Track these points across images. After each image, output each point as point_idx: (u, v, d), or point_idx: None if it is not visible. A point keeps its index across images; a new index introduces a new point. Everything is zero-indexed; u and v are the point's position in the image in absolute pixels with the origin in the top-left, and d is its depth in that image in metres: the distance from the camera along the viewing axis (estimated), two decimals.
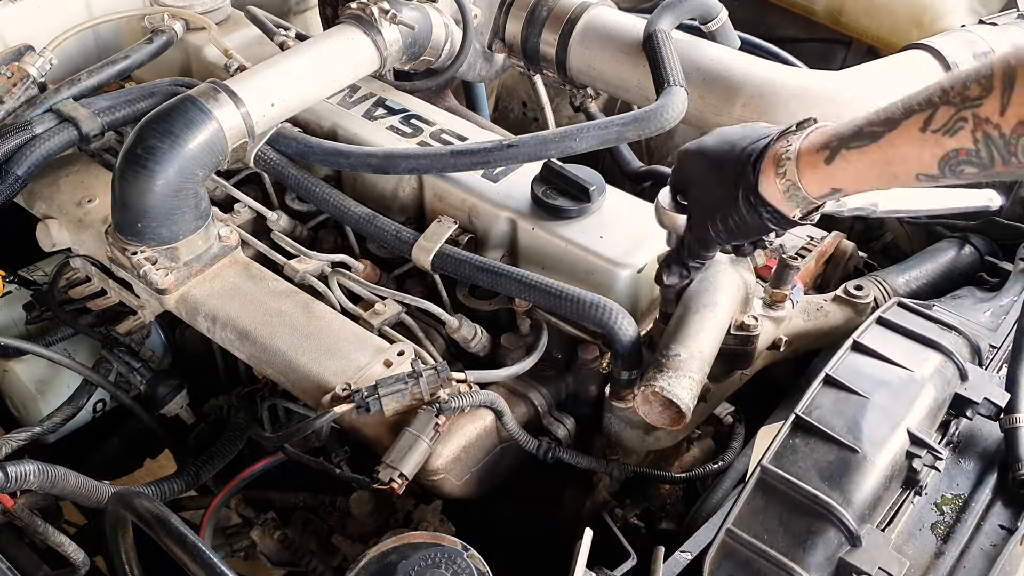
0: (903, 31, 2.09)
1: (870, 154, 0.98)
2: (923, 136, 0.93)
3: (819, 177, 1.03)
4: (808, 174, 1.03)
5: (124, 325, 1.64)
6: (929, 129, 0.92)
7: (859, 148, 0.98)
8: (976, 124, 0.88)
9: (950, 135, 0.91)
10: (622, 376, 1.35)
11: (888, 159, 0.97)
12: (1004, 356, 1.38)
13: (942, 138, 0.91)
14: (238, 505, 1.58)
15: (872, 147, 0.97)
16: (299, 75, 1.57)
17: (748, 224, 1.11)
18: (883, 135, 0.96)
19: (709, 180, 1.14)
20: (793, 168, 1.04)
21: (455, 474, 1.33)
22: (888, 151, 0.96)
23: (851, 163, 1.00)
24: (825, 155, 1.01)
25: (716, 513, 1.28)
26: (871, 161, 0.98)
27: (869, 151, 0.98)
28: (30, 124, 1.62)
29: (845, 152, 1.00)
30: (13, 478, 1.25)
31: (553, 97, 2.27)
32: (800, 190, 1.05)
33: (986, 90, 0.87)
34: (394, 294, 1.49)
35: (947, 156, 0.92)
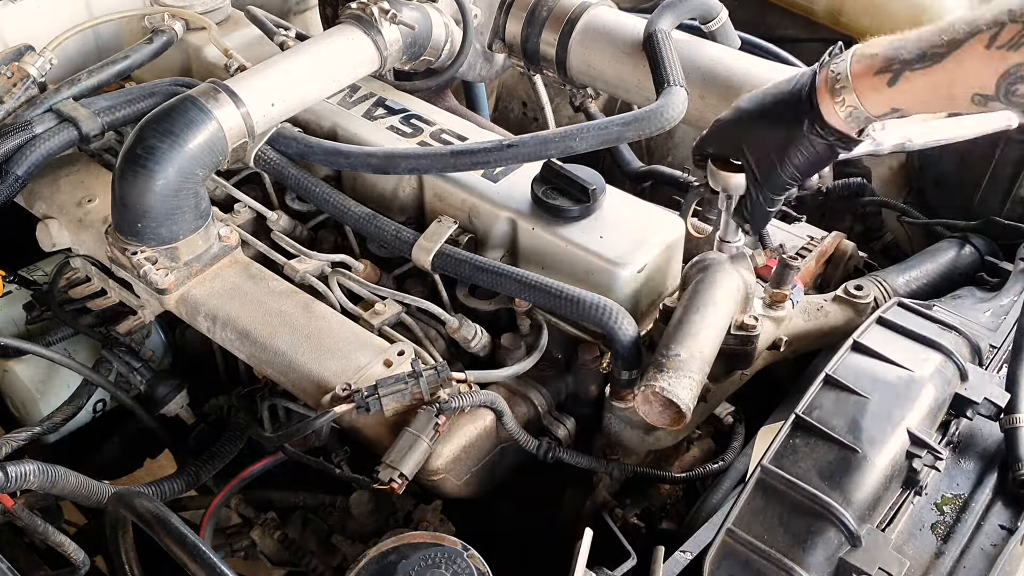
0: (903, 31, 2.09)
1: (934, 75, 1.02)
2: (988, 52, 0.97)
3: (882, 99, 1.08)
4: (870, 96, 1.08)
5: (124, 325, 1.64)
6: (995, 45, 0.96)
7: (923, 69, 1.03)
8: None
9: (1014, 50, 0.94)
10: (622, 376, 1.35)
11: (952, 78, 1.01)
12: (1004, 356, 1.38)
13: (1007, 53, 0.95)
14: (238, 505, 1.58)
15: (936, 67, 1.01)
16: (299, 75, 1.57)
17: (820, 154, 1.16)
18: (948, 55, 1.00)
19: (766, 130, 1.18)
20: (852, 93, 1.09)
21: (455, 474, 1.33)
22: (952, 69, 1.00)
23: (914, 84, 1.04)
24: (887, 78, 1.06)
25: (716, 513, 1.28)
26: (935, 82, 1.02)
27: (933, 71, 1.02)
28: (30, 124, 1.62)
29: (909, 74, 1.04)
30: (13, 478, 1.25)
31: (553, 97, 2.27)
32: (863, 112, 1.09)
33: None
34: (394, 294, 1.49)
35: (1007, 72, 0.96)
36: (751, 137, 1.21)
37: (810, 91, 1.13)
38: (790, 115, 1.15)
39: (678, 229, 1.48)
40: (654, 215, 1.51)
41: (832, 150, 1.16)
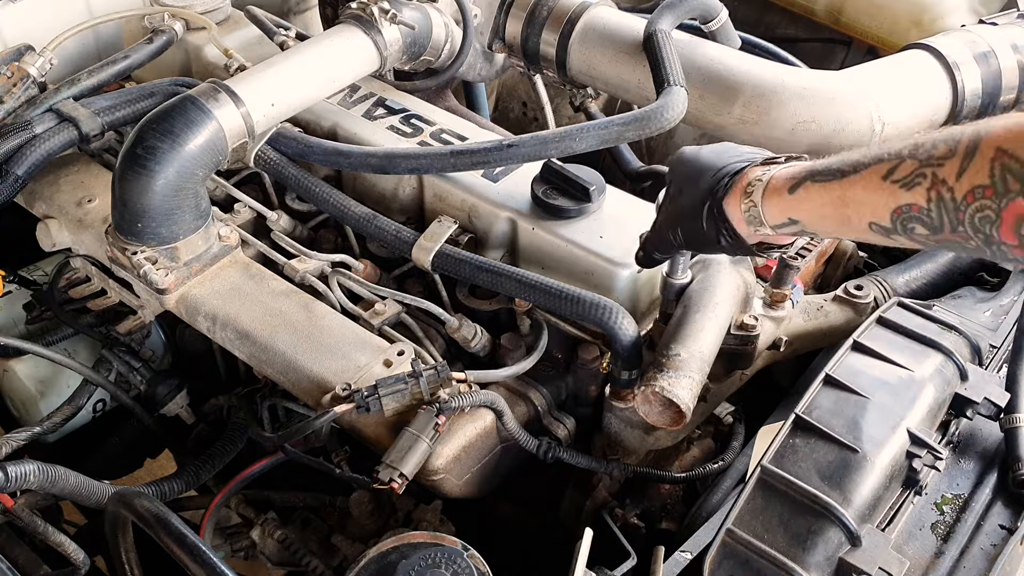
0: (903, 31, 2.09)
1: (830, 190, 0.99)
2: (882, 184, 0.94)
3: (780, 205, 1.05)
4: (771, 200, 1.06)
5: (124, 325, 1.64)
6: (890, 179, 0.93)
7: (822, 182, 1.00)
8: (933, 183, 0.89)
9: (907, 188, 0.91)
10: (622, 376, 1.35)
11: (845, 199, 0.98)
12: (1004, 356, 1.38)
13: (899, 190, 0.92)
14: (238, 505, 1.58)
15: (834, 183, 0.98)
16: (299, 75, 1.57)
17: (703, 237, 1.14)
18: (848, 174, 0.97)
19: (685, 185, 1.17)
20: (760, 193, 1.06)
21: (455, 474, 1.33)
22: (847, 190, 0.97)
23: (811, 195, 1.01)
24: (791, 184, 1.03)
25: (716, 513, 1.28)
26: (829, 198, 0.99)
27: (830, 187, 0.99)
28: (30, 124, 1.61)
29: (809, 183, 1.01)
30: (13, 478, 1.25)
31: (553, 97, 2.27)
32: (760, 214, 1.07)
33: (950, 152, 0.88)
34: (394, 294, 1.49)
35: (900, 209, 0.93)
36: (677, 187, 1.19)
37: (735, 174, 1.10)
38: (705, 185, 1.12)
39: None
40: (654, 215, 1.50)
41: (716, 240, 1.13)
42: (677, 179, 1.20)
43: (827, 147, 1.59)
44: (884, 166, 0.93)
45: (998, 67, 1.62)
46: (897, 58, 1.67)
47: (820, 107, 1.56)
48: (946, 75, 1.61)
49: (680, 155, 1.21)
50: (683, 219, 1.16)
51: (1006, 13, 1.80)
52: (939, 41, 1.66)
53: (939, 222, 0.90)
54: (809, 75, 1.64)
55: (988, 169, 0.84)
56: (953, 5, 2.06)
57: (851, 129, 1.56)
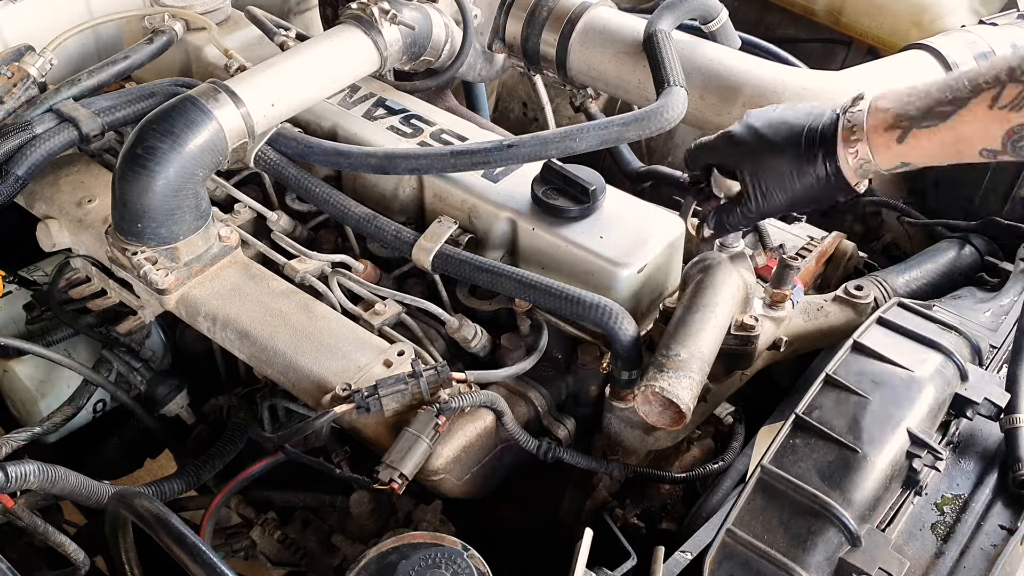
0: (903, 31, 2.09)
1: (940, 133, 1.04)
2: (991, 112, 0.98)
3: (892, 154, 1.10)
4: (881, 152, 1.10)
5: (124, 325, 1.64)
6: (997, 105, 0.98)
7: (929, 128, 1.04)
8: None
9: (1016, 110, 0.96)
10: (622, 376, 1.35)
11: (957, 136, 1.02)
12: (1004, 356, 1.38)
13: (1009, 113, 0.97)
14: (238, 505, 1.58)
15: (942, 127, 1.03)
16: (299, 75, 1.57)
17: (821, 198, 1.18)
18: (952, 113, 1.01)
19: (777, 159, 1.18)
20: (866, 147, 1.10)
21: (455, 474, 1.33)
22: (958, 128, 1.02)
23: (921, 141, 1.06)
24: (897, 134, 1.07)
25: (716, 513, 1.28)
26: (941, 140, 1.04)
27: (939, 131, 1.03)
28: (30, 124, 1.62)
29: (916, 131, 1.06)
30: (13, 478, 1.25)
31: (553, 97, 2.27)
32: (873, 164, 1.11)
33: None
34: (394, 294, 1.49)
35: (1012, 131, 0.98)
36: (759, 161, 1.21)
37: (832, 134, 1.13)
38: (804, 152, 1.15)
39: (678, 229, 1.48)
40: (654, 215, 1.51)
41: (834, 197, 1.17)
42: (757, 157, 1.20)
43: None
44: (987, 96, 0.98)
45: None
46: (897, 58, 1.67)
47: None
48: None
49: (736, 137, 1.22)
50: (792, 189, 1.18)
51: (1006, 13, 1.81)
52: (939, 41, 1.66)
53: None
54: (809, 75, 1.65)
55: None
56: (953, 5, 2.06)
57: None
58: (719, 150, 1.26)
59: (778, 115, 1.21)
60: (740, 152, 1.23)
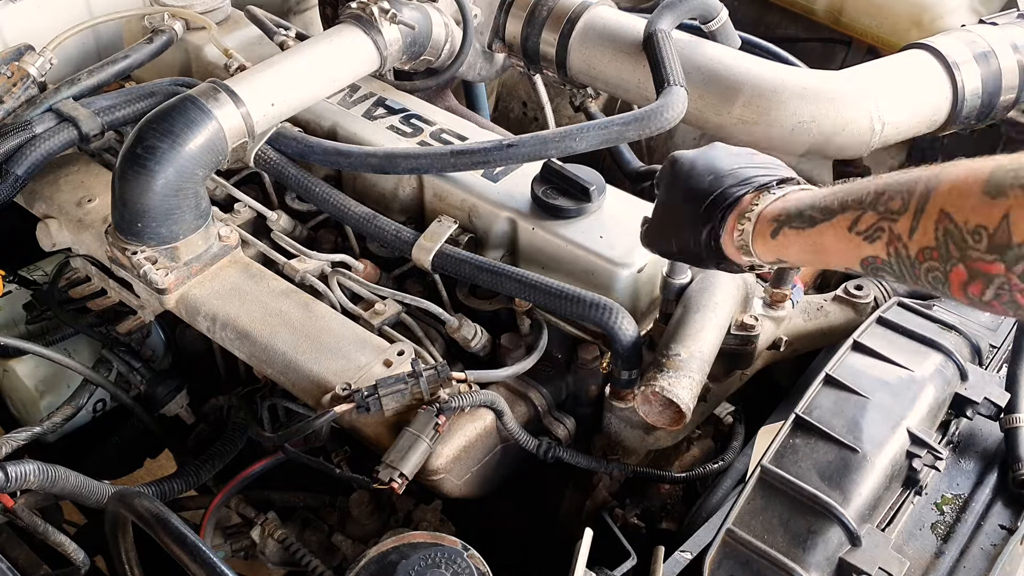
0: (903, 31, 2.09)
1: (804, 237, 1.00)
2: (848, 235, 0.94)
3: (766, 246, 1.06)
4: (759, 241, 1.06)
5: (124, 325, 1.64)
6: (854, 230, 0.93)
7: (797, 230, 1.01)
8: (890, 238, 0.89)
9: (869, 241, 0.91)
10: (622, 376, 1.35)
11: (818, 247, 0.98)
12: (1004, 356, 1.38)
13: (863, 242, 0.92)
14: (238, 505, 1.58)
15: (807, 231, 0.99)
16: (299, 75, 1.57)
17: (699, 260, 1.16)
18: (818, 222, 0.97)
19: (680, 205, 1.16)
20: (750, 230, 1.07)
21: (455, 474, 1.33)
22: (818, 239, 0.98)
23: (789, 241, 1.02)
24: (772, 228, 1.04)
25: (716, 513, 1.28)
26: (804, 244, 1.00)
27: (804, 235, 1.00)
28: (30, 124, 1.61)
29: (787, 230, 1.02)
30: (13, 478, 1.25)
31: (553, 97, 2.27)
32: (752, 251, 1.08)
33: (903, 207, 0.87)
34: (394, 294, 1.49)
35: (867, 260, 0.93)
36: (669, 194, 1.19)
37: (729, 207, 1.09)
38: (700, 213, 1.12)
39: None
40: None
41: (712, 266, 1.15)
42: (671, 191, 1.18)
43: (827, 147, 1.59)
44: (849, 216, 0.93)
45: (998, 67, 1.62)
46: (897, 58, 1.67)
47: (820, 107, 1.56)
48: (946, 75, 1.61)
49: (676, 165, 1.19)
50: (676, 238, 1.17)
51: (1006, 13, 1.80)
52: (939, 41, 1.66)
53: (900, 274, 0.90)
54: (809, 75, 1.64)
55: (933, 231, 0.84)
56: (953, 5, 2.05)
57: (851, 129, 1.56)
58: (662, 168, 1.24)
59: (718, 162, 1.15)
60: (664, 178, 1.21)
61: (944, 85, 1.61)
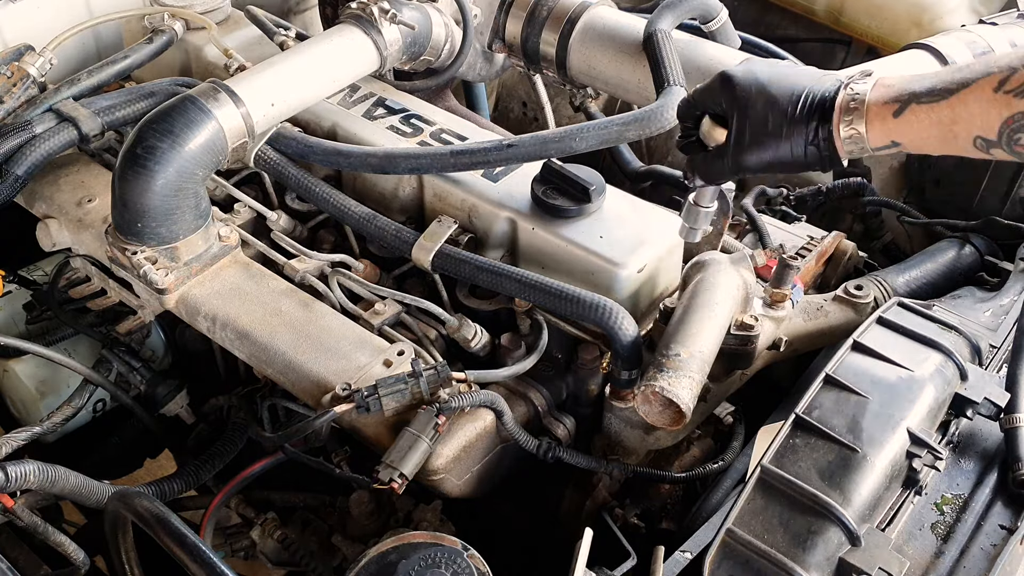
0: (903, 31, 2.09)
1: (939, 110, 1.00)
2: (995, 96, 0.96)
3: (885, 129, 1.05)
4: (876, 125, 1.06)
5: (124, 325, 1.64)
6: (1003, 89, 0.95)
7: (929, 104, 1.01)
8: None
9: (1021, 97, 0.94)
10: (622, 376, 1.35)
11: (955, 116, 0.99)
12: (1004, 356, 1.38)
13: (1013, 99, 0.95)
14: (238, 505, 1.58)
15: (943, 104, 1.00)
16: (299, 75, 1.57)
17: (805, 163, 1.13)
18: (956, 91, 0.99)
19: (770, 112, 1.13)
20: (862, 121, 1.06)
21: (455, 474, 1.33)
22: (957, 108, 0.99)
23: (919, 117, 1.02)
24: (895, 108, 1.04)
25: (716, 513, 1.28)
26: (938, 117, 1.01)
27: (939, 108, 1.00)
28: (30, 124, 1.61)
29: (915, 106, 1.02)
30: (13, 478, 1.25)
31: (553, 97, 2.27)
32: (864, 140, 1.07)
33: None
34: (394, 294, 1.49)
35: (1012, 118, 0.95)
36: (752, 109, 1.14)
37: (831, 101, 1.09)
38: (800, 112, 1.11)
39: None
40: (654, 215, 1.51)
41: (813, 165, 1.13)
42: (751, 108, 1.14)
43: None
44: (995, 78, 0.96)
45: None
46: (897, 58, 1.67)
47: None
48: None
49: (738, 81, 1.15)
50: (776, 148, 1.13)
51: (1006, 13, 1.80)
52: (939, 41, 1.66)
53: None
54: None
55: None
56: (953, 5, 2.06)
57: None
58: (715, 91, 1.19)
59: (782, 70, 1.16)
60: (735, 95, 1.16)
61: None
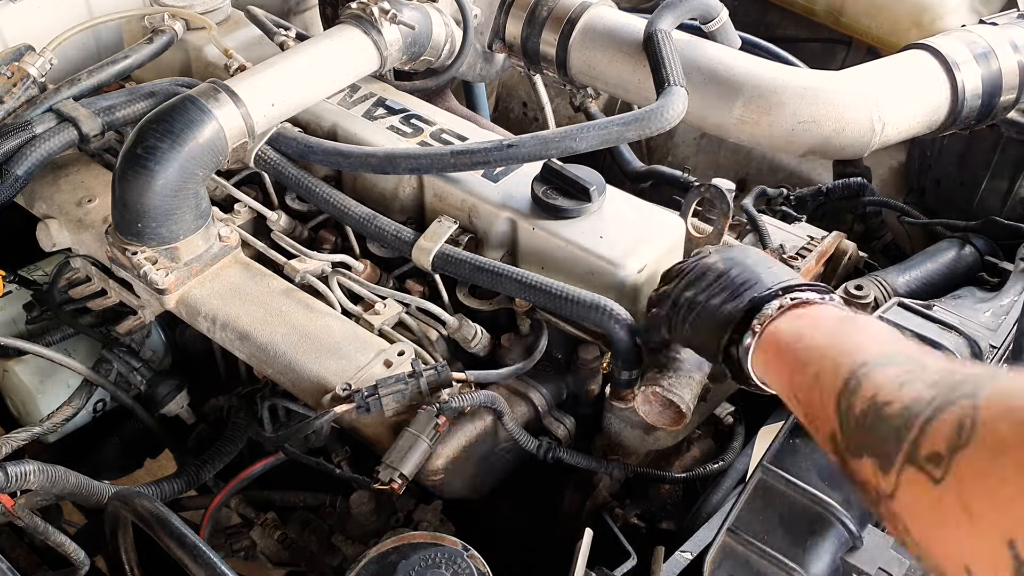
0: (903, 31, 2.09)
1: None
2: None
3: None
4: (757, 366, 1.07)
5: (124, 325, 1.64)
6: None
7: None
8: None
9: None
10: (622, 376, 1.35)
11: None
12: (1004, 356, 1.38)
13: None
14: (238, 505, 1.59)
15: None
16: (299, 75, 1.57)
17: (708, 356, 1.16)
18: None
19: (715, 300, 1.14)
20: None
21: (455, 474, 1.33)
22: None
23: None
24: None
25: (716, 513, 1.28)
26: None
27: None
28: (30, 124, 1.61)
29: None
30: (13, 478, 1.25)
31: (553, 97, 2.27)
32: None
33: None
34: (394, 294, 1.49)
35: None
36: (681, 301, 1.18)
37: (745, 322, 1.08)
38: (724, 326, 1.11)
39: (678, 229, 1.48)
40: (654, 215, 1.51)
41: (726, 375, 1.14)
42: (707, 290, 1.16)
43: (827, 147, 1.59)
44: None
45: (998, 67, 1.62)
46: (897, 58, 1.67)
47: (820, 107, 1.56)
48: (946, 75, 1.61)
49: (711, 268, 1.18)
50: (699, 336, 1.16)
51: (1006, 13, 1.80)
52: (939, 41, 1.66)
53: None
54: (809, 75, 1.64)
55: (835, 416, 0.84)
56: (953, 5, 2.06)
57: (851, 129, 1.56)
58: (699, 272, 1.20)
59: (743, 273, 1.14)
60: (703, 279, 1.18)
61: (944, 85, 1.61)
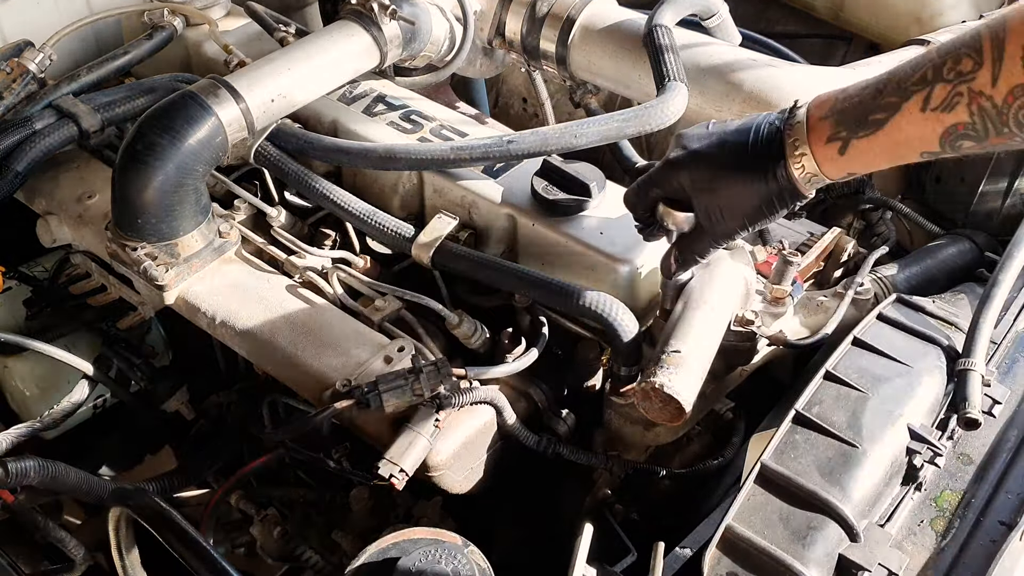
0: (903, 27, 2.09)
1: (878, 141, 1.02)
2: (923, 115, 0.97)
3: (837, 166, 1.07)
4: (826, 165, 1.08)
5: (124, 321, 1.64)
6: (928, 108, 0.96)
7: (867, 137, 1.03)
8: (971, 98, 0.93)
9: (948, 111, 0.95)
10: (622, 372, 1.35)
11: (895, 142, 1.01)
12: (1004, 353, 1.38)
13: (941, 114, 0.95)
14: (238, 501, 1.59)
15: (879, 134, 1.01)
16: (299, 71, 1.57)
17: (777, 212, 1.14)
18: (887, 121, 1.00)
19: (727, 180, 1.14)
20: (811, 160, 1.08)
21: (455, 470, 1.33)
22: (894, 135, 1.00)
23: (861, 151, 1.04)
24: (837, 146, 1.05)
25: (716, 509, 1.28)
26: (880, 147, 1.03)
27: (877, 139, 1.02)
28: (30, 120, 1.61)
29: (855, 142, 1.04)
30: (13, 474, 1.25)
31: (553, 93, 2.27)
32: (821, 177, 1.09)
33: (977, 63, 0.91)
34: (394, 290, 1.49)
35: (947, 132, 0.96)
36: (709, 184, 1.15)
37: (779, 149, 1.09)
38: (751, 168, 1.10)
39: None
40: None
41: (788, 206, 1.13)
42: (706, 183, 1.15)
43: None
44: (917, 99, 0.97)
45: None
46: (897, 54, 1.67)
47: None
48: None
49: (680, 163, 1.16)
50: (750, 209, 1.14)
51: (1006, 9, 1.80)
52: (939, 37, 1.66)
53: (984, 131, 0.94)
54: (809, 71, 1.64)
55: (1021, 66, 0.88)
56: (953, 1, 2.05)
57: None
58: (663, 181, 1.20)
59: (716, 134, 1.15)
60: (686, 179, 1.17)
61: None
